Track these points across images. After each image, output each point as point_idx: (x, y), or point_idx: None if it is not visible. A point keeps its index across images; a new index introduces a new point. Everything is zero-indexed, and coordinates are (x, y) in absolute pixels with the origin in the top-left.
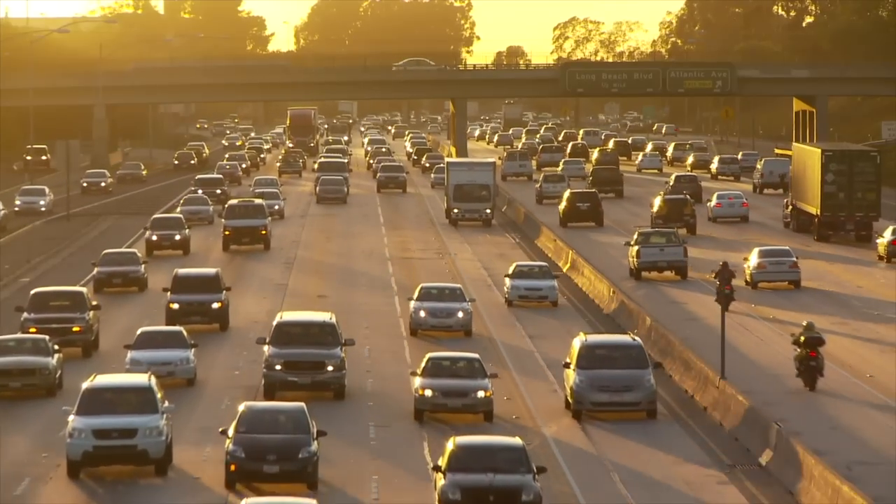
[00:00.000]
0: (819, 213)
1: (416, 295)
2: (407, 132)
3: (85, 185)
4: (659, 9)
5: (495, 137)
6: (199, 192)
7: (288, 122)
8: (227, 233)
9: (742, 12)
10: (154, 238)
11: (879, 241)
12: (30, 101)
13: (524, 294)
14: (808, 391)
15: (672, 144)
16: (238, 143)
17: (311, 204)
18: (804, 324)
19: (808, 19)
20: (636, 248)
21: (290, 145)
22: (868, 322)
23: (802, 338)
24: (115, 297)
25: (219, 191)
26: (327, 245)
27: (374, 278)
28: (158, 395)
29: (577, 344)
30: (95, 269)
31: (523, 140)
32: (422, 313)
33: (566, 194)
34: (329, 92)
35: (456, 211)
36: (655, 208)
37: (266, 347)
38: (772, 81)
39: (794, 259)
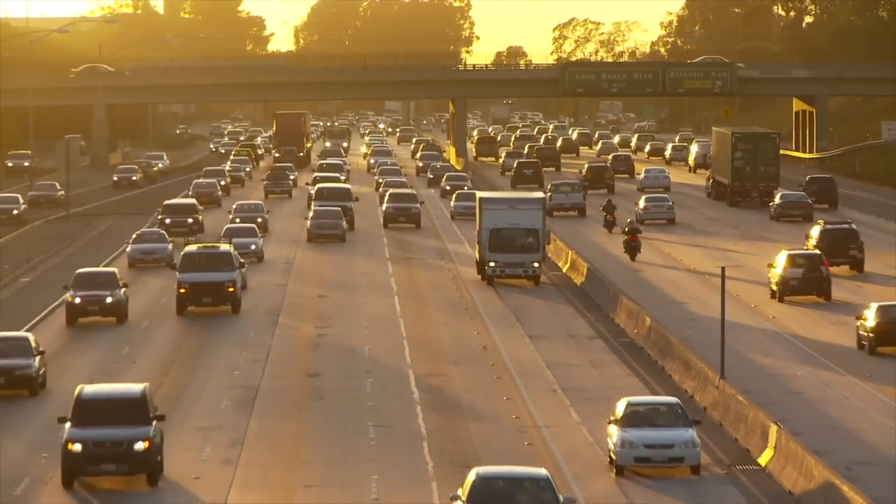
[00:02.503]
0: (730, 183)
1: (465, 492)
2: (415, 139)
3: None
4: (659, 9)
5: (474, 133)
6: (168, 220)
7: (274, 127)
8: (182, 290)
9: (742, 12)
10: (77, 301)
11: (770, 204)
12: (30, 101)
13: (644, 456)
14: (632, 262)
15: (636, 136)
16: (234, 152)
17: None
18: (628, 220)
19: (808, 19)
20: (549, 194)
21: (277, 155)
22: None
23: (627, 228)
24: None
25: (190, 219)
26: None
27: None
28: None
29: None
30: None
31: (503, 132)
32: None
33: (515, 164)
34: (329, 92)
35: (493, 265)
36: (583, 173)
37: None
38: (771, 81)
39: (671, 203)
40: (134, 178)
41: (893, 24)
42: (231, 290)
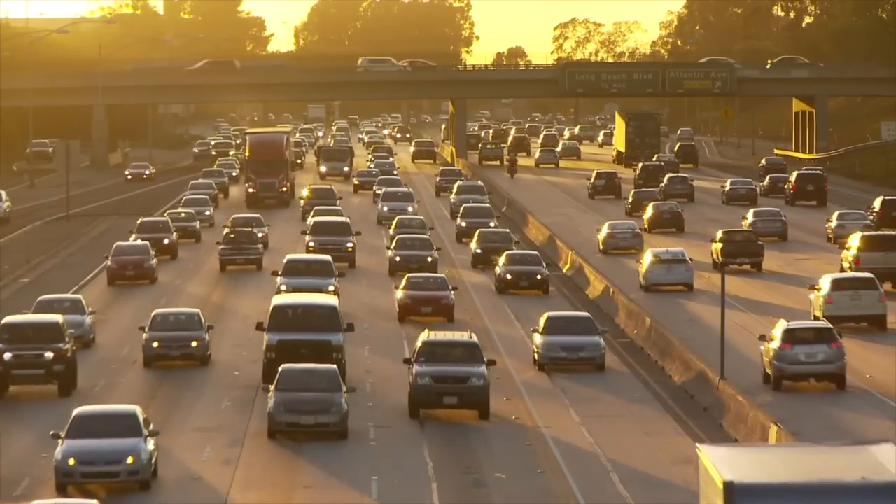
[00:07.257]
0: (625, 150)
1: None
2: (442, 168)
3: None
4: (659, 9)
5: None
6: (7, 354)
7: (247, 152)
8: None
9: (742, 12)
10: None
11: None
12: (30, 102)
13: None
14: (511, 178)
15: (578, 126)
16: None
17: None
18: (511, 154)
19: (808, 19)
20: (481, 147)
21: (250, 190)
22: None
23: (509, 158)
24: None
25: (50, 353)
26: None
27: None
28: None
29: None
30: None
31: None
32: None
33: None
34: (329, 92)
35: None
36: (509, 141)
37: None
38: (772, 81)
39: (556, 153)
40: None
41: (893, 24)
42: None
